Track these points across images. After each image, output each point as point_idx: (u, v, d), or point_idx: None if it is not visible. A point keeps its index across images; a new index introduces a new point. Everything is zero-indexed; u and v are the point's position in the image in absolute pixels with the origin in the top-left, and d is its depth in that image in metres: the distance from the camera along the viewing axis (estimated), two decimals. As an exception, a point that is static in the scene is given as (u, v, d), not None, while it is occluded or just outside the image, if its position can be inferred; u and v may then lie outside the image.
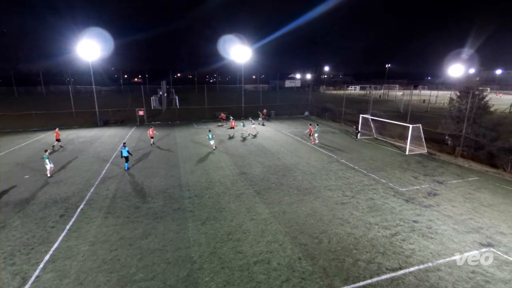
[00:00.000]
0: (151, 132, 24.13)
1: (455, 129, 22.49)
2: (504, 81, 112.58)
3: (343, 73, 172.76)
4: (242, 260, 9.20)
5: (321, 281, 8.28)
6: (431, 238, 10.48)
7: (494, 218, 11.94)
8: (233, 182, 15.89)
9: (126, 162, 18.06)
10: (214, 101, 52.97)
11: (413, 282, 8.26)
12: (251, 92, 73.01)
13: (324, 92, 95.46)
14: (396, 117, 31.02)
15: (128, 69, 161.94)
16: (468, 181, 16.27)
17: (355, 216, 12.08)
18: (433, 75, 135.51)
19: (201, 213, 12.30)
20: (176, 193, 14.36)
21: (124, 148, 18.01)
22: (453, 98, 24.69)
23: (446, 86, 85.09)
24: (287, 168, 18.10)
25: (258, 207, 12.90)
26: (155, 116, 39.37)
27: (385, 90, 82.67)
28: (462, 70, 57.61)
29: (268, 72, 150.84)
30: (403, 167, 18.51)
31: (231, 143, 24.89)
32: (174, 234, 10.67)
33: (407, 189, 14.90)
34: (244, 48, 40.10)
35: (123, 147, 18.07)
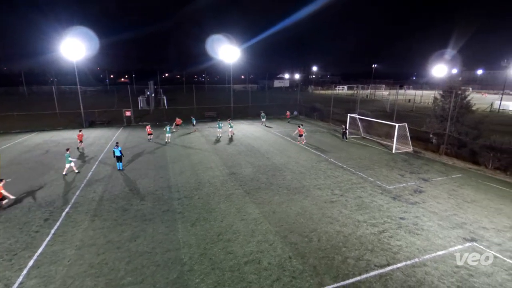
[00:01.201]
0: (148, 130, 25.88)
1: (439, 127, 23.12)
2: (485, 81, 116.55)
3: (331, 73, 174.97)
4: (233, 260, 9.18)
5: (311, 279, 8.35)
6: (418, 234, 10.73)
7: (476, 214, 12.34)
8: (223, 182, 15.83)
9: (119, 162, 17.82)
10: (203, 101, 52.64)
11: (400, 277, 8.44)
12: (240, 92, 72.91)
13: (313, 92, 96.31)
14: (382, 116, 31.62)
15: (114, 69, 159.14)
16: (452, 178, 16.75)
17: (344, 214, 12.24)
18: (418, 75, 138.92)
19: (190, 214, 12.19)
20: (165, 195, 14.19)
21: (117, 148, 17.73)
22: (437, 98, 25.38)
23: (430, 86, 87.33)
24: (276, 168, 18.17)
25: (248, 207, 12.90)
26: (143, 117, 38.78)
27: (372, 90, 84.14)
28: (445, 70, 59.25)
29: (257, 72, 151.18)
30: (390, 165, 18.88)
31: (220, 144, 24.80)
32: (163, 236, 10.54)
33: (394, 187, 15.21)
34: (233, 48, 40.00)
35: (115, 147, 17.79)
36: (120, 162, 17.86)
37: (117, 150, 17.64)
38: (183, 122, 32.43)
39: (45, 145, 24.34)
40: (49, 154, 21.53)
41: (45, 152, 21.93)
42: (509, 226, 11.33)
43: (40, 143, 24.92)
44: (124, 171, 17.66)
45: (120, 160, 17.83)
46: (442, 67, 61.37)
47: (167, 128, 25.01)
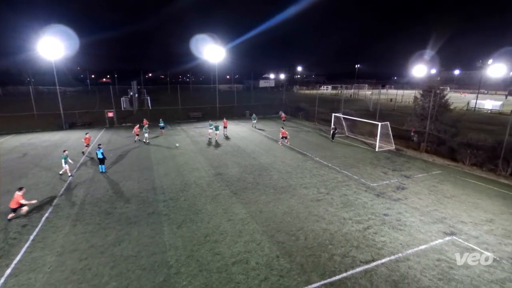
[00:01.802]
0: (136, 130, 25.79)
1: (419, 126, 23.88)
2: (462, 80, 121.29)
3: (316, 73, 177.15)
4: (220, 261, 9.13)
5: (298, 277, 8.42)
6: (401, 230, 11.04)
7: (456, 209, 12.82)
8: (209, 183, 15.71)
9: (102, 164, 17.39)
10: (188, 101, 52.05)
11: (385, 272, 8.66)
12: (225, 92, 72.59)
13: (298, 92, 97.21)
14: (366, 115, 32.31)
15: (95, 69, 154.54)
16: (432, 174, 17.34)
17: (330, 212, 12.42)
18: (399, 75, 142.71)
19: (176, 216, 12.03)
20: (150, 197, 13.93)
21: (99, 149, 17.27)
22: (417, 97, 26.20)
23: (410, 86, 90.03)
24: (263, 168, 18.21)
25: (235, 207, 12.87)
26: (126, 118, 37.92)
27: (355, 90, 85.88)
28: (425, 71, 61.23)
29: (242, 72, 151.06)
30: (373, 163, 19.32)
31: (206, 144, 24.59)
32: (149, 239, 10.34)
33: (377, 184, 15.58)
34: (218, 47, 39.78)
35: (98, 149, 17.32)
36: (103, 165, 17.41)
37: (99, 152, 17.19)
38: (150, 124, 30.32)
39: (22, 148, 23.35)
40: (27, 157, 20.67)
41: (22, 156, 21.03)
42: (485, 220, 11.85)
43: (17, 146, 23.89)
44: (107, 173, 17.21)
45: (103, 163, 17.39)
46: (422, 67, 63.42)
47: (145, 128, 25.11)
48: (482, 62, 63.82)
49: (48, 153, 21.59)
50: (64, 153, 16.64)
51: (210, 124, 27.37)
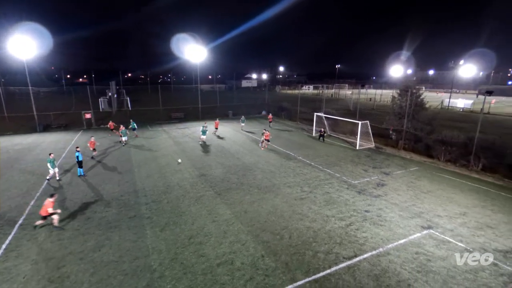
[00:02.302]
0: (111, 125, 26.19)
1: (397, 124, 24.72)
2: (436, 80, 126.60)
3: (297, 73, 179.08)
4: (205, 263, 9.05)
5: (283, 276, 8.50)
6: (381, 225, 11.38)
7: (432, 203, 13.38)
8: (193, 184, 15.53)
9: (80, 168, 16.82)
10: (169, 101, 51.17)
11: (367, 267, 8.90)
12: (207, 92, 71.97)
13: (280, 92, 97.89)
14: (346, 114, 33.05)
15: (71, 69, 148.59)
16: (410, 171, 17.99)
17: (313, 210, 12.61)
18: (378, 75, 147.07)
19: (159, 219, 11.80)
20: (132, 200, 13.58)
21: (77, 152, 16.74)
22: (395, 96, 27.09)
23: (388, 85, 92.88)
24: (247, 168, 18.21)
25: (220, 208, 12.79)
26: (105, 119, 36.70)
27: (336, 90, 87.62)
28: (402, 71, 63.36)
29: (224, 72, 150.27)
30: (354, 161, 19.80)
31: (189, 145, 24.28)
32: (131, 243, 10.08)
33: (358, 182, 15.97)
34: (199, 47, 39.36)
35: (76, 151, 16.78)
36: (81, 168, 16.83)
37: (80, 155, 16.62)
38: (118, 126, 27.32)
39: (-8, 152, 22.09)
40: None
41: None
42: (459, 213, 12.44)
43: (-14, 150, 22.57)
44: (86, 176, 16.61)
45: (81, 166, 16.81)
46: (399, 67, 65.54)
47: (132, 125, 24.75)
48: (454, 63, 66.95)
49: (21, 157, 20.55)
50: (50, 157, 15.78)
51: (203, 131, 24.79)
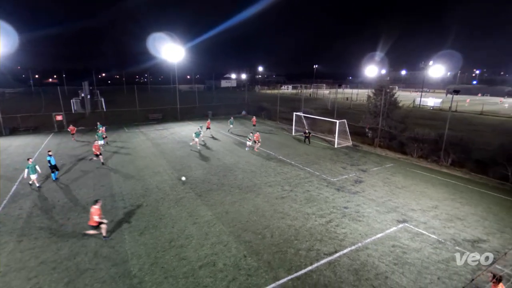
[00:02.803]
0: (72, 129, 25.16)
1: (373, 122, 25.58)
2: (408, 80, 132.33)
3: (276, 73, 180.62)
4: (187, 266, 8.91)
5: (266, 275, 8.54)
6: (359, 221, 11.73)
7: (406, 198, 13.97)
8: (172, 186, 15.23)
9: (53, 172, 16.04)
10: (146, 102, 49.83)
11: (347, 262, 9.14)
12: (186, 93, 70.86)
13: (259, 92, 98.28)
14: (324, 113, 33.75)
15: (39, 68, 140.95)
16: (386, 167, 18.68)
17: (294, 208, 12.77)
18: (354, 75, 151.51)
19: (138, 223, 11.47)
20: (108, 204, 13.10)
21: (49, 156, 15.88)
22: (370, 96, 28.03)
23: (364, 85, 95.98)
24: (227, 168, 18.12)
25: (200, 210, 12.64)
26: (78, 121, 35.19)
27: (314, 89, 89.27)
28: (376, 71, 65.58)
29: (203, 72, 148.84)
30: (333, 159, 20.26)
31: (168, 146, 23.78)
32: (108, 249, 9.73)
33: (337, 179, 16.37)
34: (177, 46, 38.67)
35: (49, 155, 15.92)
36: (54, 172, 16.05)
37: (52, 159, 15.82)
38: None
39: (-49, 158, 20.49)
40: (-42, 168, 18.17)
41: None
42: (432, 206, 13.08)
43: None
44: (58, 181, 15.82)
45: (55, 170, 16.02)
46: (373, 68, 67.82)
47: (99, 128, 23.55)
48: (424, 64, 70.32)
49: (-15, 163, 19.21)
50: (29, 162, 14.70)
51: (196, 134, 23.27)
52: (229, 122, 30.61)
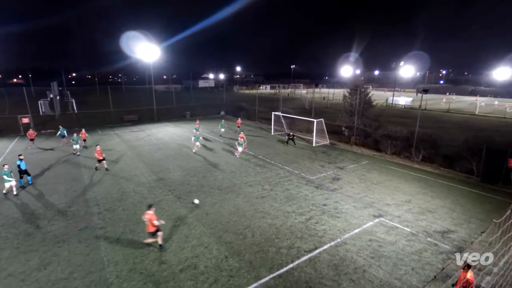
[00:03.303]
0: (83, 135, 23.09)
1: (349, 121, 26.35)
2: (381, 80, 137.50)
3: (254, 73, 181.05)
4: (167, 270, 8.72)
5: (248, 274, 8.54)
6: (338, 217, 12.04)
7: (382, 193, 14.51)
8: (150, 189, 14.84)
9: (22, 178, 15.10)
10: (121, 103, 48.14)
11: (327, 258, 9.35)
12: (163, 93, 69.29)
13: (238, 92, 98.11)
14: (302, 113, 34.30)
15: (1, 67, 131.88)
16: (362, 164, 19.30)
17: (274, 207, 12.87)
18: (330, 75, 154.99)
19: (114, 229, 11.07)
20: (82, 210, 12.53)
21: (20, 160, 14.98)
22: (346, 95, 28.83)
23: (340, 85, 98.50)
24: (207, 169, 17.93)
25: (180, 212, 12.41)
26: (46, 123, 33.35)
27: (292, 89, 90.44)
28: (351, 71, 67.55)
29: (180, 72, 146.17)
30: (311, 158, 20.64)
31: (144, 148, 23.13)
32: (82, 258, 9.31)
33: (316, 177, 16.69)
34: (152, 46, 37.71)
35: (19, 160, 15.01)
36: (29, 176, 15.36)
37: (23, 163, 14.98)
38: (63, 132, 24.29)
39: None
40: None
41: None
42: (405, 200, 13.69)
43: None
44: (25, 188, 14.90)
45: (25, 174, 15.22)
46: (348, 68, 69.82)
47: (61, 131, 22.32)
48: (395, 64, 73.34)
49: None
50: (5, 168, 13.71)
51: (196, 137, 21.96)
52: (219, 126, 27.86)
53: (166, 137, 27.56)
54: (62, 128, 24.62)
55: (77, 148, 21.00)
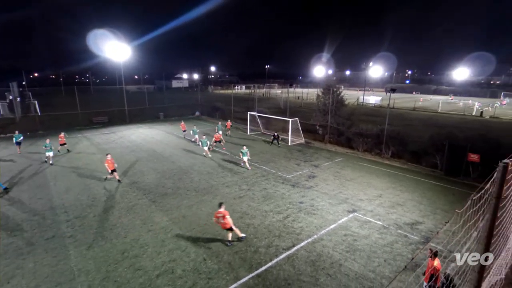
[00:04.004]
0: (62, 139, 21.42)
1: (322, 120, 27.01)
2: (352, 80, 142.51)
3: (229, 73, 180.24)
4: (143, 276, 8.44)
5: (227, 276, 8.49)
6: (314, 214, 12.31)
7: (355, 189, 15.03)
8: (123, 194, 14.29)
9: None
10: (90, 104, 45.83)
11: (304, 255, 9.52)
12: (134, 93, 66.92)
13: (213, 92, 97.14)
14: (277, 112, 34.66)
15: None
16: (336, 162, 19.88)
17: (252, 207, 12.90)
18: (303, 75, 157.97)
19: (85, 236, 10.53)
20: (48, 218, 11.80)
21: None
22: (319, 95, 29.53)
23: (313, 84, 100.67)
24: (183, 171, 17.59)
25: (155, 216, 12.07)
26: (6, 127, 30.99)
27: (267, 89, 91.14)
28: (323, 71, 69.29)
29: (152, 71, 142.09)
30: (287, 157, 20.93)
31: (116, 151, 22.21)
32: (50, 269, 8.76)
33: (292, 176, 16.95)
34: (122, 45, 36.31)
35: None
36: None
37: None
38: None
39: None
40: None
41: None
42: (377, 195, 14.29)
43: None
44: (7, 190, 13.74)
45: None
46: (321, 68, 71.57)
47: (16, 137, 20.27)
48: (365, 64, 76.34)
49: None
50: None
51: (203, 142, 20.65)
52: (216, 128, 25.80)
53: (139, 139, 26.67)
54: (18, 133, 21.53)
55: (49, 155, 18.69)
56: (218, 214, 9.86)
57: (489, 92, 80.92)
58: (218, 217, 9.84)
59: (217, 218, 9.88)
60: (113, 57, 36.92)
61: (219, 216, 9.82)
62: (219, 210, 9.85)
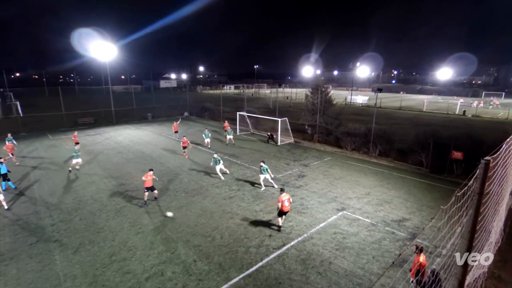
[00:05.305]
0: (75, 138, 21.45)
1: (311, 119, 27.23)
2: (340, 80, 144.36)
3: (217, 73, 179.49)
4: (132, 280, 8.30)
5: (218, 277, 8.45)
6: (304, 213, 12.40)
7: (344, 188, 15.23)
8: (110, 196, 14.01)
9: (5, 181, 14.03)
10: (75, 105, 44.78)
11: (295, 253, 9.58)
12: (121, 94, 65.80)
13: (202, 92, 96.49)
14: (267, 112, 34.75)
15: None
16: (324, 161, 20.08)
17: (242, 207, 12.88)
18: (292, 75, 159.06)
19: (71, 240, 10.28)
20: (32, 223, 11.45)
21: (2, 163, 13.80)
22: (308, 94, 29.75)
23: (302, 84, 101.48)
24: (172, 172, 17.39)
25: (144, 218, 11.89)
26: (-14, 129, 29.84)
27: (256, 89, 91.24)
28: (312, 71, 69.85)
29: (139, 72, 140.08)
30: (277, 156, 21.01)
31: (102, 153, 21.77)
32: (34, 274, 8.51)
33: (282, 175, 17.02)
34: (108, 44, 35.59)
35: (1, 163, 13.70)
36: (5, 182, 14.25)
37: (3, 167, 13.89)
38: None
39: None
40: None
41: None
42: (365, 193, 14.52)
43: None
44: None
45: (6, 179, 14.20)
46: (309, 68, 72.16)
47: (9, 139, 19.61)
48: (352, 65, 77.44)
49: None
50: None
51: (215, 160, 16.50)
52: (203, 135, 23.28)
53: (126, 140, 26.22)
54: (10, 136, 20.56)
55: (78, 162, 17.38)
56: (286, 197, 10.63)
57: (471, 91, 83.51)
58: (290, 201, 10.76)
59: (289, 202, 10.70)
60: (99, 56, 36.13)
61: (290, 200, 10.76)
62: (285, 194, 10.72)
